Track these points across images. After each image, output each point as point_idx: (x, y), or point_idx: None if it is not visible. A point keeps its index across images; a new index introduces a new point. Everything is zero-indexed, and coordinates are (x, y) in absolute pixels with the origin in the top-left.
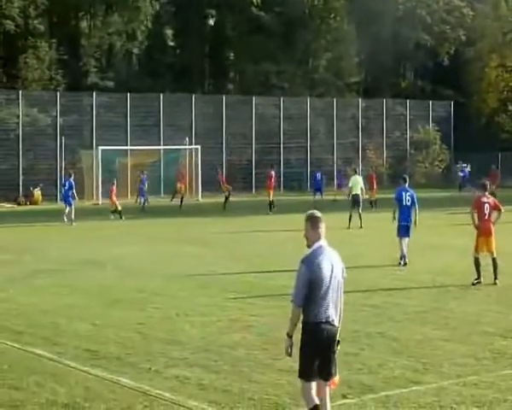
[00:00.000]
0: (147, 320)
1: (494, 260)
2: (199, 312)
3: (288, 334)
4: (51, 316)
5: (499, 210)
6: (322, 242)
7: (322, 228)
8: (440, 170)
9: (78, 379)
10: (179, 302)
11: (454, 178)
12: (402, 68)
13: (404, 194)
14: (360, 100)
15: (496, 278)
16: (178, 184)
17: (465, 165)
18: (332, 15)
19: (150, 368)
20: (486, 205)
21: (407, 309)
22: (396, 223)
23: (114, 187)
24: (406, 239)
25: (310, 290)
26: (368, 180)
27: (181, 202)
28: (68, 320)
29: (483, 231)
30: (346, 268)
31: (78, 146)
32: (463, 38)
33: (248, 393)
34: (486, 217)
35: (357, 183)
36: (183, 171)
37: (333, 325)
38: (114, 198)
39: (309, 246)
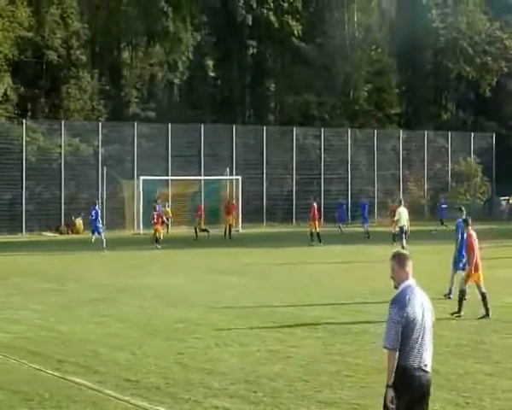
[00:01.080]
0: (186, 350)
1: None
2: (238, 342)
3: (387, 385)
4: (92, 345)
5: None
6: (411, 281)
7: (410, 266)
8: (482, 202)
9: (118, 408)
10: (219, 332)
11: (496, 211)
12: (443, 100)
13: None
14: (401, 131)
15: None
16: (197, 219)
17: (443, 198)
18: (373, 47)
19: (190, 398)
20: (476, 240)
21: (448, 342)
22: (452, 255)
23: (156, 214)
24: (462, 273)
25: (401, 332)
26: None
27: (207, 232)
28: (108, 349)
29: (478, 265)
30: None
31: (120, 176)
32: (505, 69)
33: None
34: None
35: (404, 214)
36: (200, 205)
37: (426, 371)
38: (158, 225)
39: (396, 287)
